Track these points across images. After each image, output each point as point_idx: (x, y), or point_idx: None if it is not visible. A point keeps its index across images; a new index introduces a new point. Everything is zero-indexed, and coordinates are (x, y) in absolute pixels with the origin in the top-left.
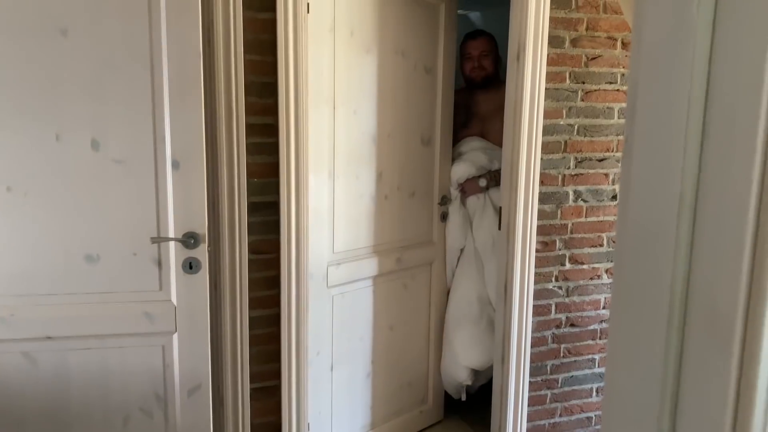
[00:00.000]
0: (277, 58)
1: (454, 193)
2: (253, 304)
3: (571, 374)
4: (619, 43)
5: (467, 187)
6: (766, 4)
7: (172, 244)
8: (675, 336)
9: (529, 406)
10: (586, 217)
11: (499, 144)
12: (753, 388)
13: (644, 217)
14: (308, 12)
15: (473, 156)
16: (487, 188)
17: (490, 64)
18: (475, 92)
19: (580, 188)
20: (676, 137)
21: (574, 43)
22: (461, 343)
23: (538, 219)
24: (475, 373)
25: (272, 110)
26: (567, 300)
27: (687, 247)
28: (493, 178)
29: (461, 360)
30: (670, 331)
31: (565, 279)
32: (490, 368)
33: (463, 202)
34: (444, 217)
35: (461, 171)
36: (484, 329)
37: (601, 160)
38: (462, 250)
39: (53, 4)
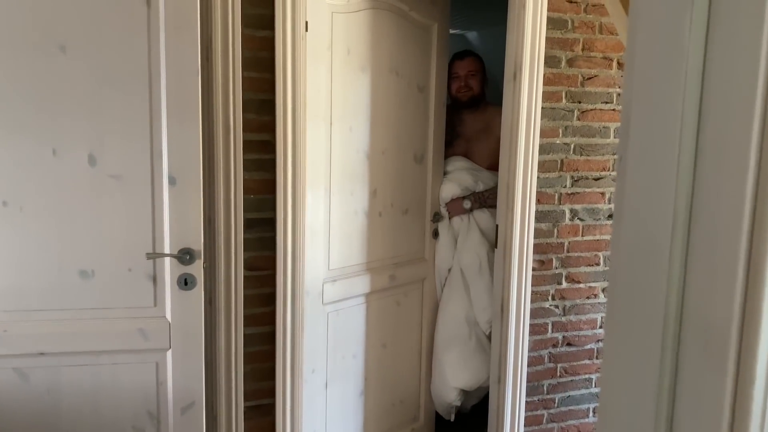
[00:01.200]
0: (275, 76)
1: (444, 211)
2: (248, 321)
3: (567, 394)
4: (614, 64)
5: (451, 208)
6: (756, 26)
7: (167, 260)
8: (669, 354)
9: (525, 426)
10: (582, 236)
11: (483, 165)
12: (748, 406)
13: (638, 234)
14: (306, 30)
15: (459, 176)
16: (471, 210)
17: (477, 85)
18: (461, 112)
19: (577, 207)
20: (670, 156)
21: (571, 63)
22: (451, 363)
23: (534, 237)
24: (465, 393)
25: (270, 127)
26: (564, 319)
27: (681, 264)
28: (478, 200)
29: (451, 381)
30: (664, 349)
31: (562, 298)
32: (481, 388)
33: (450, 221)
34: (436, 234)
35: (447, 190)
36: (474, 349)
37: (597, 179)
38: (449, 270)
39: (53, 20)
